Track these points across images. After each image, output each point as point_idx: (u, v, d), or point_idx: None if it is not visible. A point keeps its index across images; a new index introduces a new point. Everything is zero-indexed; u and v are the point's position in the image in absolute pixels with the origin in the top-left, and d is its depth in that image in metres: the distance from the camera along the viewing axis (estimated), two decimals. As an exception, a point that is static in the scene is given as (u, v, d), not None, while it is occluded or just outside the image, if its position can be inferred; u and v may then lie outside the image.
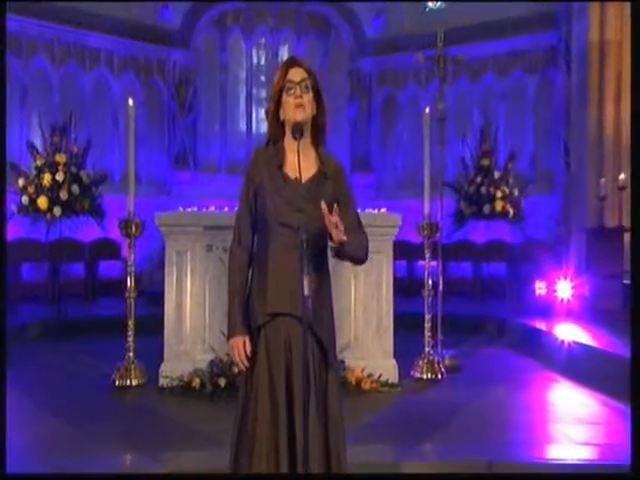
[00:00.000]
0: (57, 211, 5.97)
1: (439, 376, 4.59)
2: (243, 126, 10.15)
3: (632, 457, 2.46)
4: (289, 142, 2.13)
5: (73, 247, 8.19)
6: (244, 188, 2.16)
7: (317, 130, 2.17)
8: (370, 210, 4.57)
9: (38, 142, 6.76)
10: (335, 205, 2.03)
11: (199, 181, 9.62)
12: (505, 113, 9.31)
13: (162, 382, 4.21)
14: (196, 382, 4.06)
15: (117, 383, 4.27)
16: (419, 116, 5.47)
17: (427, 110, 4.49)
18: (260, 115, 10.34)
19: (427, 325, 4.67)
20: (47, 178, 6.00)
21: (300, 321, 2.01)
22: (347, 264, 4.30)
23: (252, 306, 2.11)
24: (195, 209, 4.54)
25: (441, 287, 5.18)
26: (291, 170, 2.11)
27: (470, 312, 7.19)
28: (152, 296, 5.55)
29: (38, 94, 8.65)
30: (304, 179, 2.09)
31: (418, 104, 9.65)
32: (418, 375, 4.59)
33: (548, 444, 3.33)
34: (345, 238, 1.99)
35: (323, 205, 1.95)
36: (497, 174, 7.35)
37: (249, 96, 10.16)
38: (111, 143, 9.10)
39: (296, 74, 2.11)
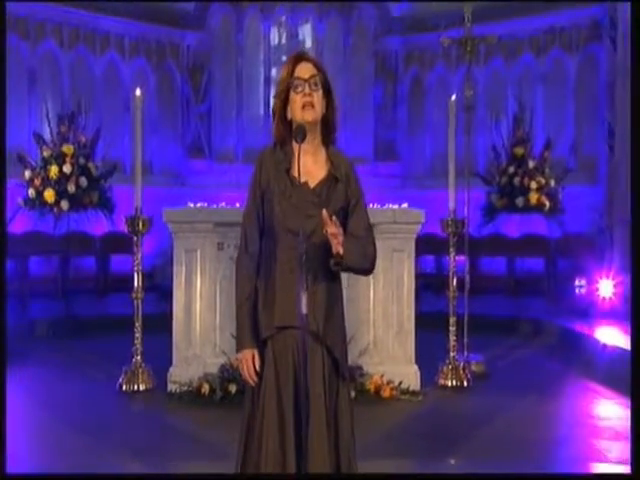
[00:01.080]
0: (64, 205, 6.04)
1: (465, 383, 4.55)
2: (261, 112, 10.13)
3: (632, 457, 2.45)
4: (306, 134, 2.08)
5: (83, 240, 8.31)
6: (250, 193, 2.14)
7: (327, 129, 2.15)
8: (391, 205, 4.52)
9: (46, 131, 6.83)
10: (334, 217, 1.98)
11: (215, 170, 9.64)
12: (543, 96, 9.11)
13: (170, 387, 4.24)
14: (205, 388, 4.09)
15: (124, 388, 4.31)
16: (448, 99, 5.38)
17: (453, 97, 4.41)
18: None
19: (452, 328, 4.62)
20: (54, 170, 6.08)
21: (309, 333, 2.00)
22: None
23: (259, 317, 2.10)
24: (205, 204, 4.53)
25: (468, 285, 5.11)
26: (300, 173, 2.06)
27: (502, 312, 7.11)
28: (165, 291, 5.58)
29: (47, 79, 8.75)
30: (313, 183, 2.07)
31: (447, 86, 9.52)
32: (442, 382, 4.55)
33: (585, 462, 3.26)
34: (341, 251, 1.96)
35: (324, 213, 1.93)
36: (532, 164, 7.20)
37: (267, 80, 10.13)
38: (122, 130, 9.17)
39: (304, 70, 2.07)
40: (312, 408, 2.00)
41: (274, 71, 10.26)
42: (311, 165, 2.10)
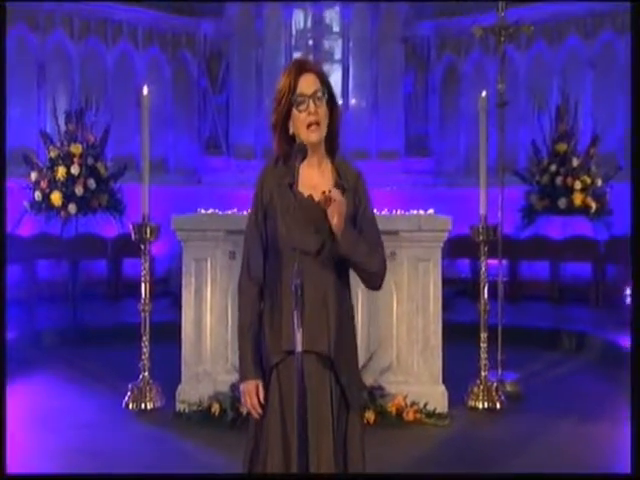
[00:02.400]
0: (72, 208, 6.13)
1: (497, 405, 4.48)
2: (282, 105, 10.13)
3: (632, 458, 2.50)
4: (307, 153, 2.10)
5: (94, 243, 8.45)
6: (252, 211, 2.15)
7: (331, 138, 2.14)
8: (415, 211, 4.47)
9: (55, 129, 6.92)
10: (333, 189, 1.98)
11: (233, 167, 9.69)
12: (592, 84, 8.91)
13: (179, 407, 4.27)
14: (216, 408, 4.10)
15: (130, 406, 4.36)
16: (486, 89, 5.26)
17: (484, 94, 4.34)
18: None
19: (483, 345, 4.56)
20: (61, 172, 6.16)
21: (318, 356, 2.01)
22: (387, 272, 4.31)
23: (264, 344, 2.10)
24: (216, 211, 4.55)
25: (502, 295, 5.03)
26: (304, 187, 2.09)
27: (543, 322, 6.99)
28: (180, 297, 5.60)
29: (56, 73, 8.90)
30: (319, 196, 2.06)
31: (485, 75, 9.39)
32: (472, 404, 4.49)
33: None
34: (341, 225, 1.96)
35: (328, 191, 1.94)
36: (576, 161, 7.04)
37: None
38: (135, 125, 9.23)
39: (307, 85, 2.05)
40: (318, 438, 2.00)
41: (297, 60, 10.26)
42: (317, 178, 2.11)
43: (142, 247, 4.50)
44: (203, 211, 4.56)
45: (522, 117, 9.50)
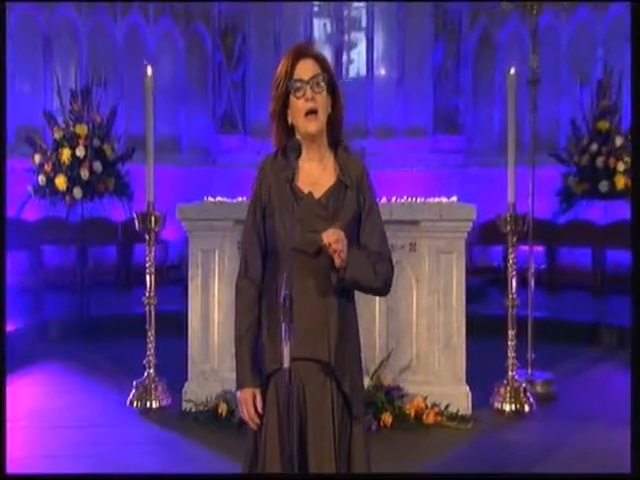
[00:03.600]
0: (77, 193, 6.17)
1: (526, 408, 4.42)
2: (302, 79, 10.06)
3: (632, 458, 2.55)
4: (305, 147, 2.08)
5: (104, 227, 8.51)
6: (250, 209, 2.14)
7: (334, 129, 2.13)
8: (436, 199, 4.40)
9: (60, 108, 6.95)
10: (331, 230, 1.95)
11: (249, 147, 9.65)
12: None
13: (185, 406, 4.30)
14: (223, 408, 4.12)
15: (134, 404, 4.40)
16: (524, 60, 5.12)
17: (512, 70, 4.23)
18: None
19: (511, 343, 4.49)
20: (66, 154, 6.19)
21: (319, 364, 2.01)
22: (407, 265, 4.26)
23: (261, 350, 2.09)
24: (224, 199, 4.53)
25: (532, 288, 4.96)
26: (304, 183, 2.08)
27: (581, 315, 6.87)
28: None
29: (63, 49, 8.93)
30: (319, 193, 2.06)
31: (522, 45, 9.17)
32: (498, 406, 4.44)
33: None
34: (343, 261, 1.93)
35: (325, 235, 1.91)
36: (619, 141, 6.86)
37: (309, 42, 10.02)
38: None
39: (305, 69, 2.03)
40: (319, 450, 1.99)
41: (317, 31, 10.16)
42: (318, 173, 2.09)
43: (147, 237, 4.51)
44: (211, 199, 4.54)
45: (563, 92, 9.30)
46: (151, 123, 4.50)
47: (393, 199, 4.41)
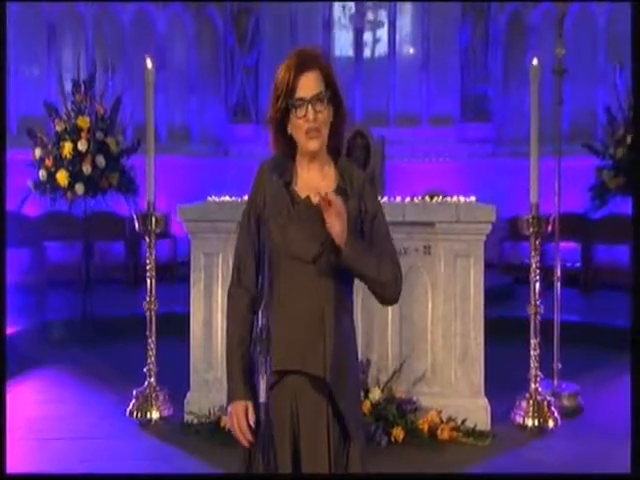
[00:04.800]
0: (79, 189, 6.19)
1: (550, 423, 4.33)
2: (319, 64, 10.00)
3: (632, 457, 2.61)
4: (302, 160, 2.11)
5: (110, 222, 8.56)
6: (245, 213, 2.15)
7: (335, 138, 2.12)
8: (454, 198, 4.34)
9: (62, 99, 6.98)
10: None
11: (263, 137, 9.61)
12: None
13: (187, 418, 4.31)
14: (225, 421, 4.11)
15: (134, 415, 4.42)
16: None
17: (535, 61, 4.14)
18: (341, 48, 10.14)
19: (533, 353, 4.42)
20: (67, 148, 6.21)
21: (312, 379, 1.99)
22: (421, 269, 4.21)
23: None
24: (227, 198, 4.51)
25: (558, 291, 4.88)
26: (303, 188, 2.09)
27: (617, 319, 6.74)
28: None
29: (68, 35, 8.98)
30: (318, 198, 2.03)
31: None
32: (519, 420, 4.37)
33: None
34: (344, 237, 1.92)
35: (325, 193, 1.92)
36: (657, 131, 6.69)
37: (327, 24, 9.98)
38: (155, 92, 9.28)
39: (307, 87, 2.01)
40: (313, 469, 1.99)
41: (336, 11, 10.08)
42: (318, 181, 2.10)
43: (147, 240, 4.51)
44: (214, 199, 4.52)
45: (600, 78, 9.14)
46: (151, 119, 4.50)
47: (407, 199, 4.36)
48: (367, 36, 10.35)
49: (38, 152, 6.33)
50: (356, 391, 2.14)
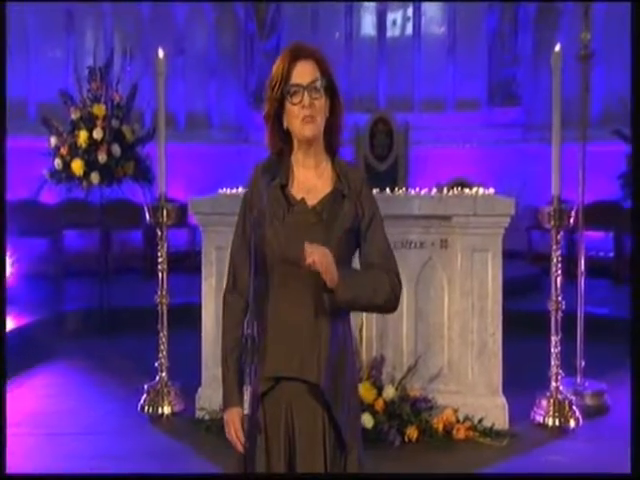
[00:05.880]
0: (94, 177, 6.22)
1: (572, 423, 4.27)
2: (341, 48, 9.93)
3: (632, 457, 2.63)
4: (297, 155, 2.10)
5: (129, 210, 8.61)
6: (240, 216, 2.16)
7: (332, 135, 2.11)
8: (472, 190, 4.28)
9: (78, 86, 7.01)
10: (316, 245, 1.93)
11: (284, 123, 9.63)
12: None
13: (198, 414, 4.33)
14: (235, 418, 4.12)
15: (146, 409, 4.45)
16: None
17: (558, 47, 4.05)
18: (364, 30, 10.04)
19: (554, 350, 4.36)
20: (83, 136, 6.24)
21: (308, 386, 2.00)
22: (437, 264, 4.18)
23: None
24: (241, 189, 4.49)
25: (581, 283, 4.81)
26: (298, 190, 2.09)
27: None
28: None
29: (88, 22, 9.01)
30: (314, 200, 2.06)
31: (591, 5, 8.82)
32: (539, 420, 4.32)
33: None
34: (335, 280, 1.92)
35: (306, 245, 1.91)
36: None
37: (349, 8, 9.88)
38: (173, 77, 9.29)
39: (303, 74, 2.02)
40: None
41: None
42: (314, 180, 2.09)
43: (159, 232, 4.52)
44: (226, 191, 4.51)
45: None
46: (162, 111, 4.50)
47: (423, 191, 4.31)
48: (391, 17, 10.22)
49: (53, 140, 6.37)
50: (353, 399, 2.13)
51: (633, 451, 2.70)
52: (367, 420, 3.93)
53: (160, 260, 4.58)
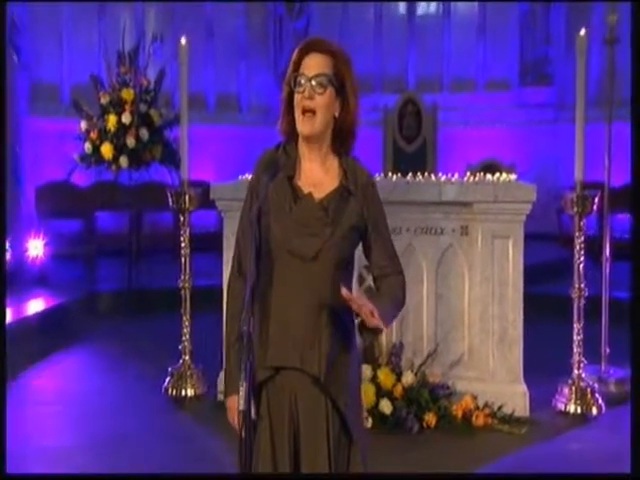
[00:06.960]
0: (123, 161, 6.27)
1: (594, 411, 4.21)
2: (370, 28, 9.80)
3: (632, 457, 2.62)
4: (303, 147, 2.08)
5: (159, 192, 8.63)
6: (246, 204, 2.15)
7: (341, 134, 2.09)
8: (492, 176, 4.21)
9: (108, 71, 7.04)
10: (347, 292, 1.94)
11: (313, 105, 9.57)
12: None
13: (220, 397, 4.35)
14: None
15: (169, 392, 4.51)
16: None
17: (583, 32, 3.94)
18: (394, 10, 9.90)
19: (577, 338, 4.29)
20: (112, 121, 6.29)
21: (312, 378, 2.00)
22: (458, 250, 4.13)
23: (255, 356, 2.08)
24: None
25: (607, 269, 4.72)
26: (305, 183, 2.07)
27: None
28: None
29: (119, 6, 9.04)
30: (320, 195, 2.05)
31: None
32: (560, 407, 4.26)
33: None
34: (381, 325, 1.96)
35: (344, 291, 1.91)
36: None
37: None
38: (204, 58, 9.30)
39: (311, 66, 2.01)
40: (313, 469, 2.00)
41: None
42: (321, 175, 2.08)
43: (181, 218, 4.54)
44: (248, 176, 4.50)
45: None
46: (185, 98, 4.50)
47: (443, 177, 4.25)
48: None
49: (84, 125, 6.43)
50: (356, 391, 2.12)
51: (633, 451, 2.66)
52: (386, 406, 3.93)
53: (183, 245, 4.61)
